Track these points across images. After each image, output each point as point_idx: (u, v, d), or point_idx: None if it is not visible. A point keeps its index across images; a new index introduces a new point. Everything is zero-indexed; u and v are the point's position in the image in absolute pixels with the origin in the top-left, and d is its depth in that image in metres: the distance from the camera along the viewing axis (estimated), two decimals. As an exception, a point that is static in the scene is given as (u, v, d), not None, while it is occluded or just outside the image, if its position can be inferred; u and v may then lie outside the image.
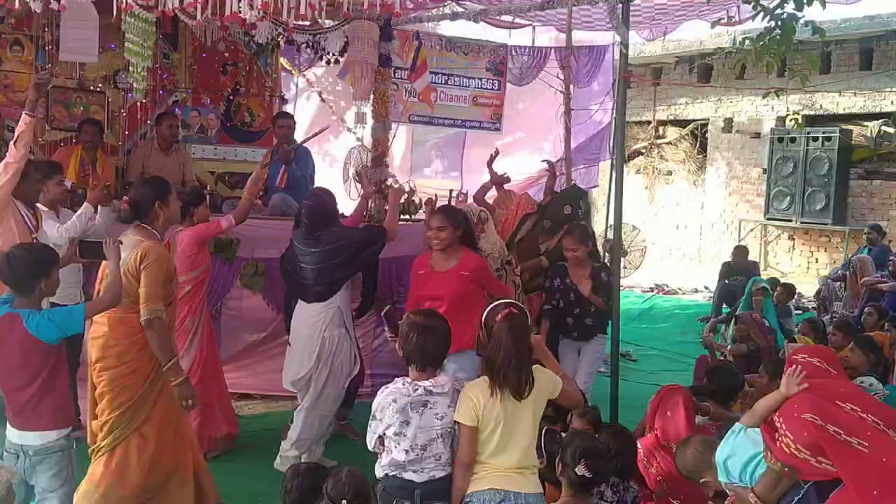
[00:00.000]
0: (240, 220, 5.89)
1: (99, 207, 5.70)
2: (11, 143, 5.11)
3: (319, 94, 10.37)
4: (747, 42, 5.45)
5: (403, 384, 3.58)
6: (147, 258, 4.07)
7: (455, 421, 3.54)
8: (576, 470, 3.65)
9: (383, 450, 3.61)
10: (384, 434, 3.59)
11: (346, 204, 8.62)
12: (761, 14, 5.19)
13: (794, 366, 3.12)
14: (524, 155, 10.99)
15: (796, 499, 3.00)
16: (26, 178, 5.17)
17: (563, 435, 4.26)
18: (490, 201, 7.09)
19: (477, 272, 5.30)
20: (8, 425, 3.78)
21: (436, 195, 7.43)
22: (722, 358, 7.21)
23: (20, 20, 7.62)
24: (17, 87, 7.78)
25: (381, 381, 4.32)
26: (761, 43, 5.08)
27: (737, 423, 3.32)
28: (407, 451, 3.52)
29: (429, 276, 5.35)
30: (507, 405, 3.51)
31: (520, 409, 3.53)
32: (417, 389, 3.55)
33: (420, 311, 3.92)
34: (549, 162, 7.78)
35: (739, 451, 3.22)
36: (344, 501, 3.35)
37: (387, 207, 6.55)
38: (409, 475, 3.54)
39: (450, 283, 5.21)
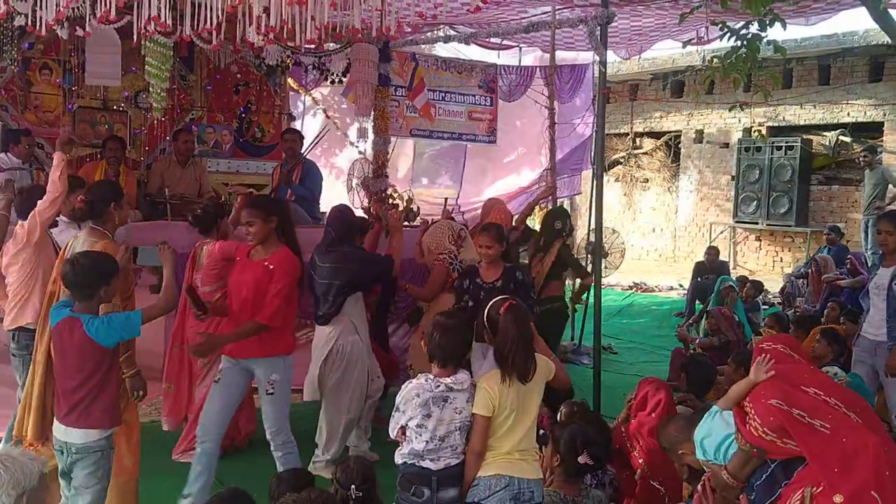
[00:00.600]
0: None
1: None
2: (55, 177, 5.03)
3: (324, 111, 10.38)
4: (715, 60, 5.47)
5: (426, 380, 3.55)
6: None
7: (473, 413, 3.52)
8: (578, 458, 3.68)
9: (404, 439, 3.58)
10: (406, 425, 3.56)
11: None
12: (728, 34, 5.21)
13: (762, 354, 3.13)
14: (527, 171, 11.06)
15: (764, 476, 3.01)
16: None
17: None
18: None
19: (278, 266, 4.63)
20: (55, 422, 3.74)
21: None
22: (695, 350, 7.22)
23: (48, 46, 7.62)
24: (46, 107, 7.77)
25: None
26: (729, 60, 5.10)
27: (714, 406, 3.33)
28: (427, 442, 3.51)
29: (244, 264, 4.83)
30: (516, 391, 3.51)
31: (526, 393, 3.54)
32: (439, 386, 3.52)
33: (444, 313, 3.88)
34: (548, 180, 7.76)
35: (714, 432, 3.24)
36: (353, 486, 3.34)
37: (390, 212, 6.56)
38: (426, 463, 3.52)
39: (254, 273, 4.65)
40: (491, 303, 3.71)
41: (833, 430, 2.79)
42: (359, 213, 7.23)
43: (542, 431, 4.08)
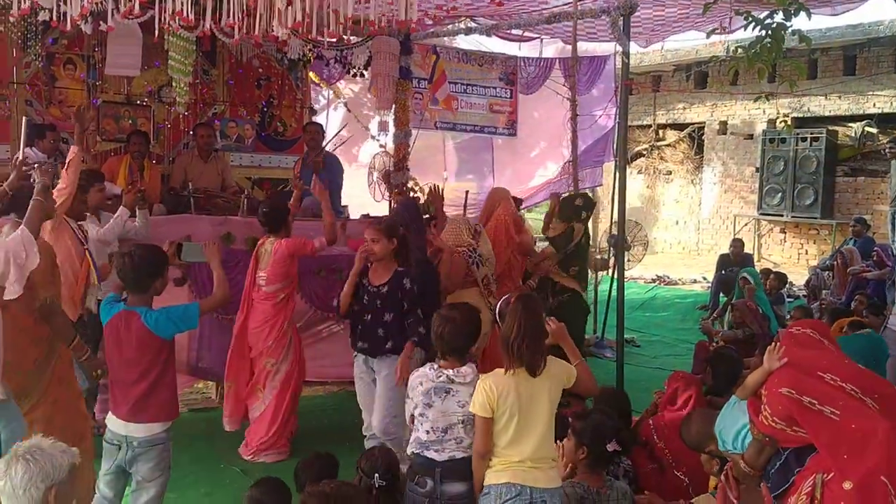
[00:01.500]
0: (330, 242, 5.72)
1: (138, 211, 5.68)
2: (63, 170, 5.12)
3: (346, 104, 10.39)
4: (740, 50, 5.42)
5: (430, 369, 3.55)
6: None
7: (472, 411, 3.44)
8: (607, 446, 3.66)
9: (414, 427, 3.59)
10: (413, 413, 3.58)
11: (372, 206, 8.67)
12: (752, 24, 5.16)
13: (787, 338, 3.13)
14: (551, 164, 11.01)
15: (778, 464, 3.02)
16: (73, 196, 5.19)
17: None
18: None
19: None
20: (112, 416, 3.74)
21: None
22: (718, 343, 7.18)
23: (72, 41, 7.66)
24: (71, 102, 7.81)
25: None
26: (753, 51, 5.05)
27: (732, 396, 3.33)
28: (428, 433, 3.49)
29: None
30: (523, 391, 3.37)
31: (535, 395, 3.38)
32: (441, 376, 3.50)
33: (449, 305, 3.86)
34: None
35: (732, 422, 3.25)
36: (376, 475, 3.36)
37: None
38: (430, 454, 3.49)
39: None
40: (503, 298, 3.66)
41: (843, 416, 2.79)
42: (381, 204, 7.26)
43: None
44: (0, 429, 3.64)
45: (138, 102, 8.22)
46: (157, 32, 4.80)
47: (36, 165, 4.32)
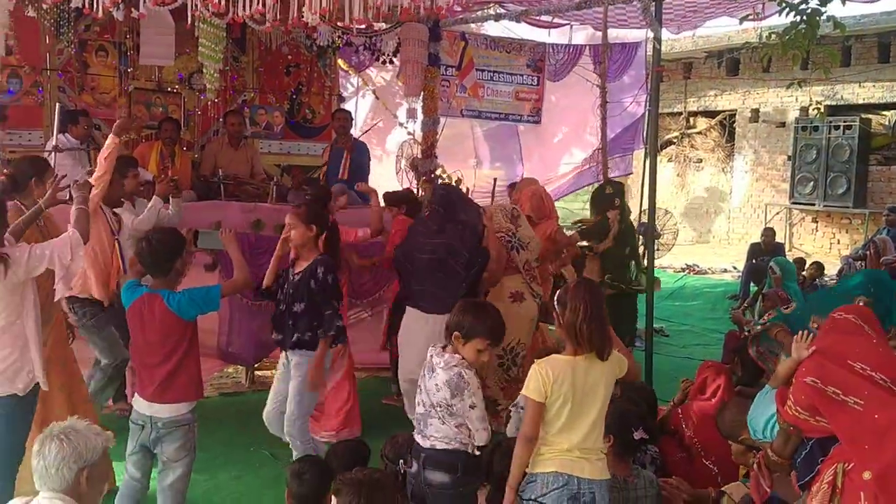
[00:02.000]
0: (375, 234, 5.79)
1: (171, 199, 5.71)
2: (102, 157, 5.17)
3: (374, 91, 10.40)
4: (773, 36, 5.36)
5: (433, 346, 3.53)
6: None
7: (523, 395, 3.32)
8: (634, 434, 3.65)
9: None
10: None
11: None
12: (786, 9, 5.10)
13: (802, 332, 3.11)
14: (576, 150, 10.95)
15: (804, 453, 3.03)
16: (108, 184, 5.23)
17: None
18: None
19: None
20: (138, 397, 3.79)
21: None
22: (749, 333, 7.11)
23: (104, 28, 7.74)
24: (102, 89, 7.91)
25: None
26: (788, 37, 4.99)
27: (766, 386, 3.32)
28: (417, 409, 3.48)
29: None
30: (579, 378, 3.23)
31: (592, 383, 3.25)
32: (432, 356, 3.48)
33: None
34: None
35: (762, 411, 3.25)
36: (401, 461, 3.38)
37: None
38: (418, 437, 3.46)
39: None
40: (561, 289, 3.44)
41: (866, 406, 2.76)
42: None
43: None
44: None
45: (169, 89, 8.30)
46: (189, 20, 4.84)
47: (73, 183, 4.39)
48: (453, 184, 8.12)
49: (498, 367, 5.72)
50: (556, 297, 3.40)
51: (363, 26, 7.11)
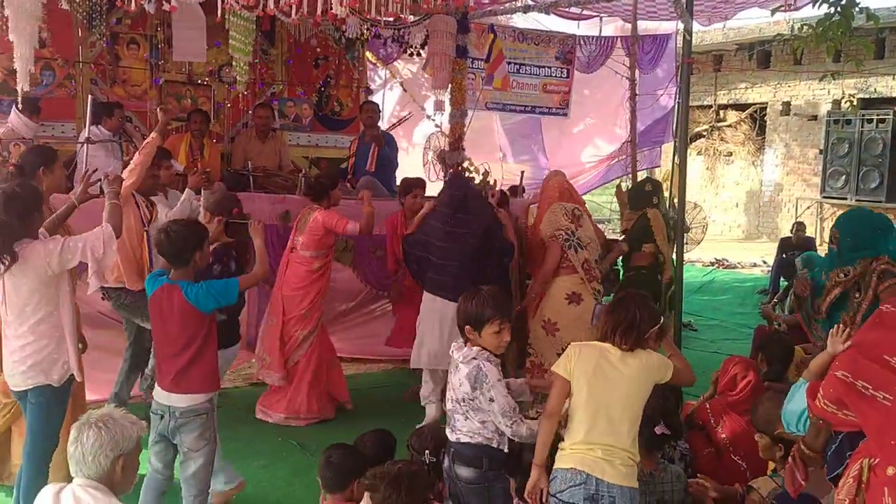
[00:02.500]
0: (364, 231, 5.74)
1: (202, 191, 5.70)
2: (140, 150, 5.27)
3: (401, 84, 10.41)
4: (806, 28, 5.29)
5: (455, 342, 3.50)
6: None
7: (551, 371, 3.30)
8: (655, 429, 3.63)
9: None
10: None
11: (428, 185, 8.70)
12: (820, 1, 5.04)
13: (838, 326, 3.08)
14: (601, 142, 10.89)
15: (834, 447, 3.03)
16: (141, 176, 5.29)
17: None
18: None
19: None
20: (157, 387, 3.82)
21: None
22: (779, 327, 7.05)
23: (136, 21, 7.82)
24: (133, 81, 8.00)
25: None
26: (821, 28, 4.93)
27: (800, 378, 3.30)
28: (447, 404, 3.46)
29: None
30: (605, 367, 3.19)
31: (617, 378, 3.18)
32: (453, 350, 3.46)
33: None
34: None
35: (796, 404, 3.23)
36: (426, 452, 3.40)
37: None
38: (447, 431, 3.45)
39: None
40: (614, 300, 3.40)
41: None
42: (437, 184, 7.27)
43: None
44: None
45: (199, 82, 8.37)
46: (219, 13, 4.87)
47: (103, 177, 4.45)
48: (480, 176, 8.12)
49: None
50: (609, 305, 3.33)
51: (392, 18, 7.12)
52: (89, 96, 6.81)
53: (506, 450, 3.38)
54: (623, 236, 6.95)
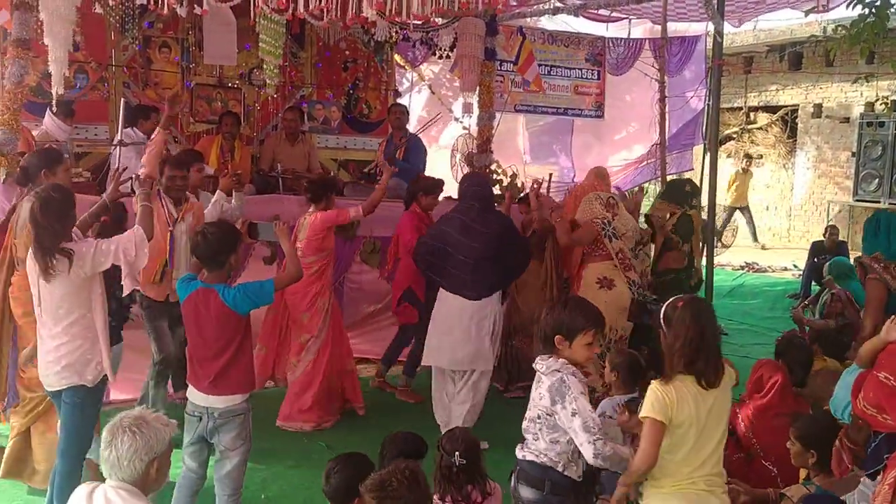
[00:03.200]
0: (367, 212, 5.78)
1: (234, 193, 5.70)
2: (147, 150, 5.28)
3: (430, 86, 10.43)
4: (839, 30, 5.24)
5: (540, 356, 3.24)
6: None
7: (642, 417, 2.99)
8: None
9: None
10: None
11: (453, 186, 8.70)
12: (854, 1, 4.99)
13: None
14: (638, 147, 10.83)
15: (873, 444, 3.03)
16: (162, 175, 5.23)
17: None
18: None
19: None
20: (193, 389, 3.85)
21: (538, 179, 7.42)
22: (810, 331, 6.97)
23: (167, 24, 7.91)
24: (165, 84, 8.09)
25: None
26: (856, 29, 4.88)
27: (853, 364, 3.28)
28: (524, 421, 3.26)
29: None
30: (700, 399, 2.96)
31: (714, 405, 2.98)
32: (536, 363, 3.21)
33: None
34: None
35: (842, 393, 3.22)
36: (457, 454, 3.39)
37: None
38: (518, 447, 3.28)
39: None
40: (667, 303, 3.15)
41: None
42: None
43: None
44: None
45: (229, 85, 8.45)
46: (252, 16, 4.92)
47: (134, 177, 4.49)
48: (508, 178, 8.13)
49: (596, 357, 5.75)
50: (662, 313, 3.13)
51: (421, 21, 7.14)
52: (121, 99, 6.91)
53: (574, 477, 3.16)
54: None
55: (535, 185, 6.25)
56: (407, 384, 6.40)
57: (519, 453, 3.24)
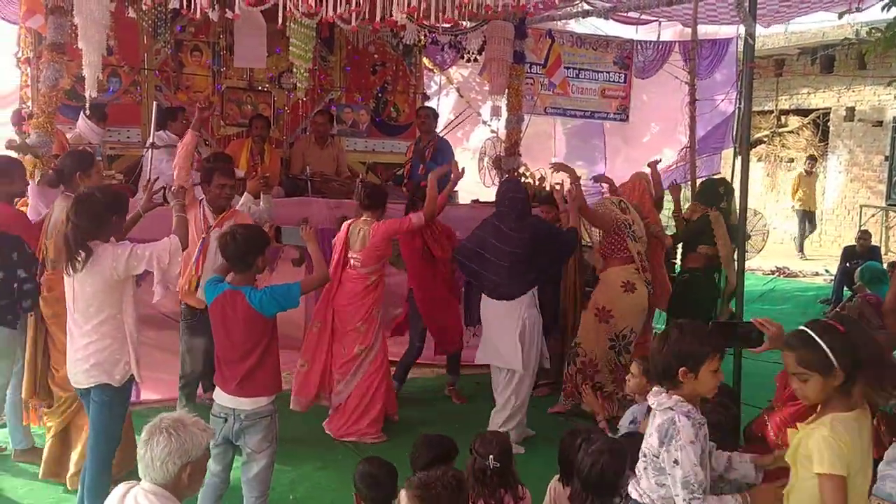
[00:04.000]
0: (429, 218, 5.67)
1: (262, 196, 5.68)
2: (178, 153, 5.31)
3: (458, 90, 10.43)
4: (874, 32, 5.16)
5: (655, 389, 2.92)
6: None
7: (818, 474, 2.53)
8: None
9: None
10: None
11: (482, 190, 8.69)
12: (889, 3, 4.91)
13: None
14: (666, 150, 10.73)
15: None
16: (212, 184, 5.18)
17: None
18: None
19: None
20: (219, 391, 3.86)
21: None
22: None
23: (199, 28, 7.98)
24: (196, 88, 8.15)
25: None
26: (891, 32, 4.80)
27: None
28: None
29: None
30: (865, 434, 2.59)
31: (869, 435, 2.63)
32: (650, 396, 2.91)
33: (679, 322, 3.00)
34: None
35: None
36: (491, 457, 3.37)
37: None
38: (631, 483, 3.00)
39: None
40: (820, 323, 2.75)
41: None
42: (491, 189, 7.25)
43: None
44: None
45: (259, 88, 8.50)
46: (280, 20, 4.93)
47: (165, 188, 4.52)
48: (536, 182, 8.08)
49: (609, 350, 5.97)
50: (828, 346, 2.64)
51: (449, 24, 7.13)
52: (154, 102, 6.97)
53: None
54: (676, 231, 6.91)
55: (558, 186, 6.29)
56: (452, 383, 6.51)
57: (630, 489, 2.96)
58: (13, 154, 5.18)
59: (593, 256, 6.60)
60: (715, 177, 8.67)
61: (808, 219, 15.19)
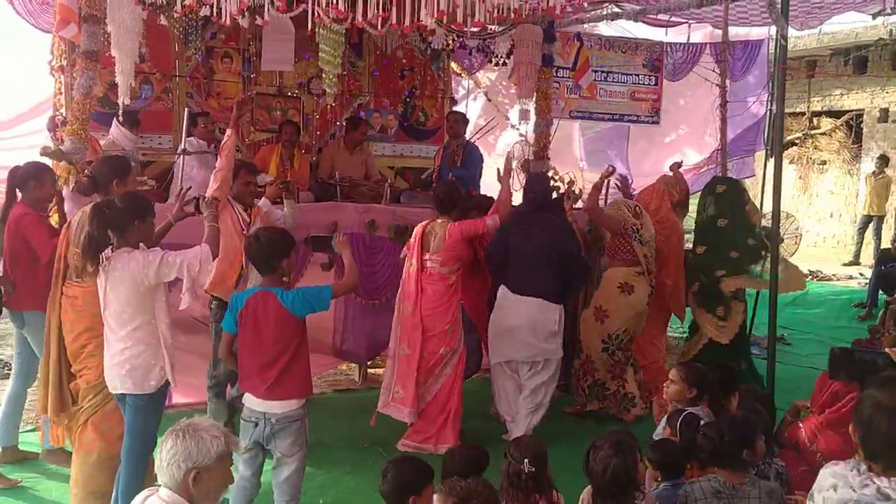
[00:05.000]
0: (504, 217, 5.58)
1: (286, 200, 5.68)
2: (219, 153, 5.29)
3: (486, 94, 10.42)
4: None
5: (854, 473, 2.49)
6: None
7: None
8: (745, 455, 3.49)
9: None
10: None
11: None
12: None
13: None
14: (691, 151, 10.66)
15: None
16: (237, 180, 5.27)
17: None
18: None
19: None
20: (249, 395, 3.87)
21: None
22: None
23: (229, 35, 8.04)
24: (227, 94, 8.21)
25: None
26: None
27: None
28: None
29: None
30: None
31: None
32: (868, 486, 2.42)
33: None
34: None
35: None
36: (526, 461, 3.36)
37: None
38: None
39: None
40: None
41: None
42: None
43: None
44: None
45: (289, 94, 8.55)
46: (309, 26, 4.96)
47: (198, 197, 4.54)
48: (565, 185, 8.05)
49: (602, 353, 6.13)
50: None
51: (478, 29, 7.13)
52: (185, 109, 7.04)
53: None
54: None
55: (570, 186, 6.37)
56: None
57: None
58: (47, 161, 5.23)
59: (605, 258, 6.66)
60: (744, 183, 8.59)
61: (873, 225, 14.46)
